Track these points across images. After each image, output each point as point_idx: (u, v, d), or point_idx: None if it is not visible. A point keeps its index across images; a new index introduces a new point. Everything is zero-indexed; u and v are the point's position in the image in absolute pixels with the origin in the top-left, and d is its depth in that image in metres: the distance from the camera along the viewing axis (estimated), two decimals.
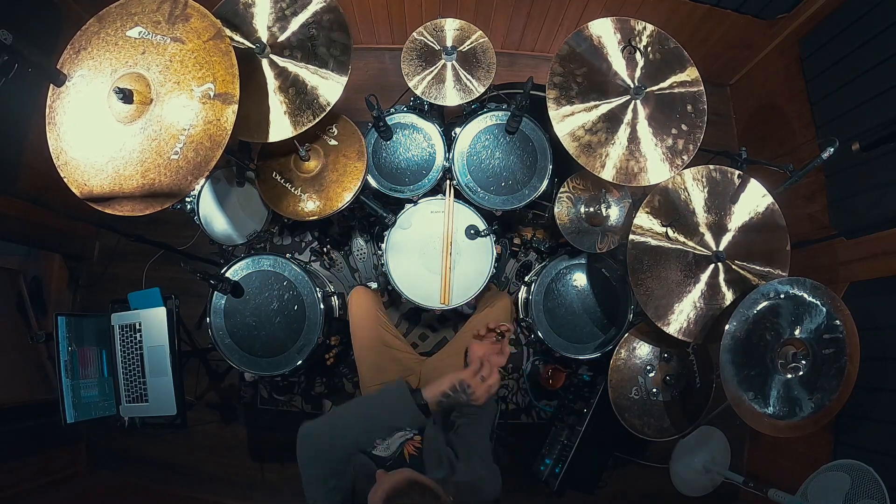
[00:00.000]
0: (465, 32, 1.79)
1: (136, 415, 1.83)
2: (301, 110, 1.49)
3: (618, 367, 1.74)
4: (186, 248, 2.32)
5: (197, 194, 1.87)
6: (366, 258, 2.33)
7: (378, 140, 1.86)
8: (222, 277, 1.67)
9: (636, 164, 1.53)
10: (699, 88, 1.58)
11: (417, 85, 1.74)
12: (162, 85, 1.23)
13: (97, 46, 1.27)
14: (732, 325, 1.39)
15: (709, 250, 1.52)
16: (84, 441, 2.42)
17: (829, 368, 1.43)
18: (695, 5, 2.16)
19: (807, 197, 2.13)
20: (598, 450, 2.03)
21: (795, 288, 1.42)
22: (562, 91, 1.53)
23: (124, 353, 1.83)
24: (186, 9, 1.26)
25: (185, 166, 1.20)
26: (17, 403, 2.11)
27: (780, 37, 2.30)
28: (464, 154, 1.83)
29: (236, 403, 2.39)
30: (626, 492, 2.35)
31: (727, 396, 1.39)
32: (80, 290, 2.54)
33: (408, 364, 1.68)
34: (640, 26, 1.58)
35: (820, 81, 2.07)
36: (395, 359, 1.68)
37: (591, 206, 1.82)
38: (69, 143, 1.27)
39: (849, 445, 1.81)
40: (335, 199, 1.71)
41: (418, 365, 1.66)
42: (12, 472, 2.05)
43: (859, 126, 1.87)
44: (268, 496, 2.37)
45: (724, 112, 2.73)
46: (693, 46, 1.63)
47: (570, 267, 1.93)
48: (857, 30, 1.89)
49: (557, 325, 1.89)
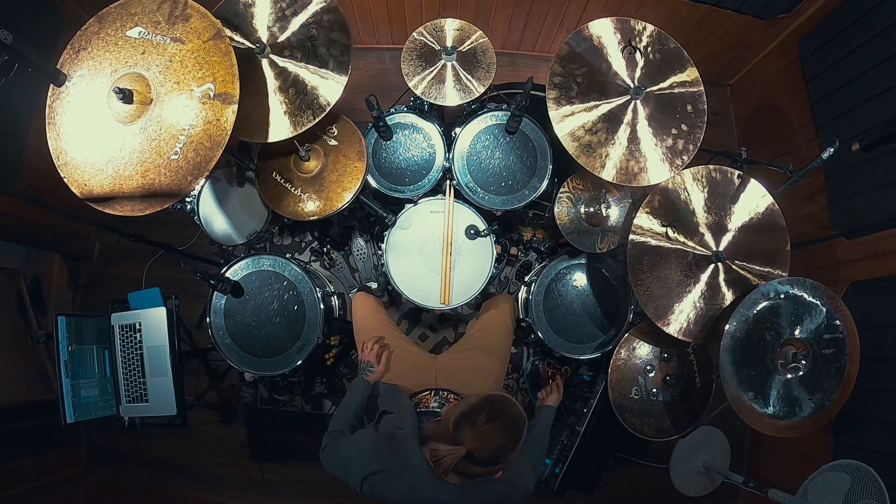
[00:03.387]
0: (465, 32, 1.79)
1: (136, 415, 1.82)
2: (301, 110, 1.49)
3: (618, 367, 1.74)
4: (186, 248, 2.32)
5: (197, 194, 1.87)
6: (366, 258, 2.33)
7: (378, 140, 1.86)
8: (222, 277, 1.67)
9: (636, 164, 1.53)
10: (699, 88, 1.58)
11: (417, 85, 1.74)
12: (162, 85, 1.23)
13: (97, 46, 1.27)
14: (732, 325, 1.39)
15: (709, 250, 1.52)
16: (84, 441, 2.42)
17: (829, 368, 1.43)
18: (695, 5, 2.16)
19: (807, 197, 2.13)
20: (598, 450, 2.03)
21: (795, 288, 1.42)
22: (562, 91, 1.53)
23: (124, 353, 1.83)
24: (186, 9, 1.26)
25: (185, 166, 1.20)
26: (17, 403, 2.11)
27: (780, 37, 2.30)
28: (464, 154, 1.83)
29: (236, 403, 2.39)
30: (626, 492, 2.35)
31: (727, 396, 1.39)
32: (80, 290, 2.54)
33: (419, 362, 1.67)
34: (640, 26, 1.57)
35: (820, 81, 2.07)
36: (405, 357, 1.67)
37: (591, 206, 1.82)
38: (69, 143, 1.27)
39: (849, 445, 1.81)
40: (335, 199, 1.71)
41: (431, 363, 1.65)
42: (12, 472, 2.05)
43: (859, 126, 1.87)
44: (268, 496, 2.37)
45: (724, 112, 2.73)
46: (693, 46, 1.63)
47: (570, 267, 1.93)
48: (857, 30, 1.89)
49: (557, 325, 1.89)
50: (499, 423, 1.04)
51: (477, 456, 1.03)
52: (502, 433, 1.04)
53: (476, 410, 1.05)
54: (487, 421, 1.03)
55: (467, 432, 1.04)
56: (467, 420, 1.05)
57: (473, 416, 1.05)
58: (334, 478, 1.18)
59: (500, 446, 1.04)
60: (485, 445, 1.03)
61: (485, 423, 1.03)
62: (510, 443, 1.06)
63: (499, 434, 1.04)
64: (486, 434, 1.03)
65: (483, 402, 1.07)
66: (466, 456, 1.03)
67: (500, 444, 1.04)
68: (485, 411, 1.05)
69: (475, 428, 1.03)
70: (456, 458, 1.02)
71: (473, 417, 1.05)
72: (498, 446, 1.04)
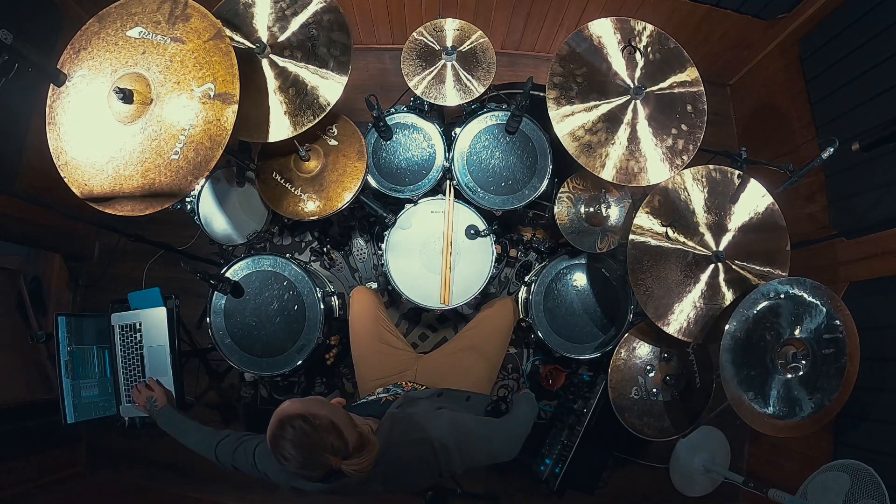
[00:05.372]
0: (465, 32, 1.79)
1: (136, 415, 1.82)
2: (301, 110, 1.49)
3: (618, 367, 1.74)
4: (186, 248, 2.32)
5: (197, 194, 1.87)
6: (366, 258, 2.33)
7: (378, 140, 1.86)
8: (222, 277, 1.67)
9: (636, 164, 1.53)
10: (699, 88, 1.58)
11: (417, 85, 1.74)
12: (162, 85, 1.23)
13: (97, 46, 1.27)
14: (732, 325, 1.39)
15: (709, 250, 1.52)
16: (84, 441, 2.42)
17: (829, 368, 1.43)
18: (695, 5, 2.16)
19: (807, 197, 2.13)
20: (598, 450, 2.02)
21: (795, 288, 1.42)
22: (562, 91, 1.53)
23: (124, 353, 1.83)
24: (186, 9, 1.26)
25: (185, 166, 1.20)
26: (17, 403, 2.11)
27: (780, 37, 2.30)
28: (464, 154, 1.83)
29: (236, 403, 2.39)
30: (626, 492, 2.35)
31: (727, 396, 1.39)
32: (80, 290, 2.54)
33: (404, 360, 1.68)
34: (640, 26, 1.58)
35: (820, 81, 2.07)
36: (392, 355, 1.68)
37: (591, 206, 1.82)
38: (69, 143, 1.27)
39: (849, 445, 1.81)
40: (335, 199, 1.71)
41: (414, 362, 1.66)
42: (12, 472, 2.05)
43: (859, 126, 1.87)
44: (268, 496, 2.37)
45: (724, 112, 2.73)
46: (693, 46, 1.63)
47: (570, 267, 1.93)
48: (857, 30, 1.89)
49: (557, 325, 1.89)
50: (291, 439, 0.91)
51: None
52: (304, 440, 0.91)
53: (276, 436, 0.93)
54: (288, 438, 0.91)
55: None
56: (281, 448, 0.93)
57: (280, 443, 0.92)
58: None
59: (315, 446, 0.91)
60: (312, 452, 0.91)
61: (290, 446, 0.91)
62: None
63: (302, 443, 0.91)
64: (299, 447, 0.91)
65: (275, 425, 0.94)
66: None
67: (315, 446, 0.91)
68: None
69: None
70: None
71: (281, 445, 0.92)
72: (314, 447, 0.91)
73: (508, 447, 1.22)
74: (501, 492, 2.36)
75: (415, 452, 1.09)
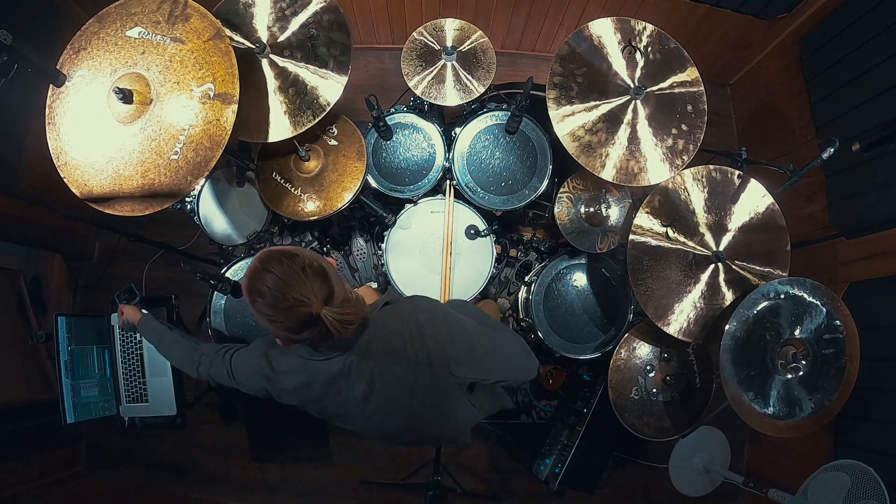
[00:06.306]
0: (465, 32, 1.79)
1: (136, 415, 1.83)
2: (301, 110, 1.49)
3: (618, 367, 1.74)
4: (186, 248, 2.32)
5: (197, 194, 1.87)
6: (366, 258, 2.33)
7: (378, 140, 1.86)
8: (222, 277, 1.66)
9: (636, 164, 1.53)
10: (699, 88, 1.58)
11: (417, 85, 1.74)
12: (162, 85, 1.23)
13: (97, 46, 1.27)
14: (732, 325, 1.39)
15: (709, 250, 1.52)
16: (84, 441, 2.42)
17: (829, 368, 1.43)
18: (695, 5, 2.16)
19: (807, 197, 2.13)
20: (598, 450, 2.03)
21: (795, 288, 1.42)
22: (562, 91, 1.53)
23: (124, 353, 1.83)
24: (186, 9, 1.26)
25: (184, 166, 1.20)
26: (17, 403, 2.11)
27: (780, 37, 2.30)
28: (464, 154, 1.83)
29: (236, 403, 2.39)
30: (626, 492, 2.35)
31: (727, 396, 1.39)
32: (80, 290, 2.54)
33: None
34: (640, 26, 1.57)
35: (820, 81, 2.07)
36: None
37: (591, 206, 1.82)
38: (69, 143, 1.27)
39: (849, 445, 1.81)
40: (335, 199, 1.71)
41: None
42: (12, 472, 2.04)
43: (859, 126, 1.87)
44: (268, 496, 2.37)
45: (724, 112, 2.73)
46: (693, 46, 1.63)
47: (570, 267, 1.93)
48: (857, 30, 1.89)
49: (557, 325, 1.89)
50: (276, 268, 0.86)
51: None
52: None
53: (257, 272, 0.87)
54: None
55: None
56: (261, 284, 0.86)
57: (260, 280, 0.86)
58: (334, 478, 1.17)
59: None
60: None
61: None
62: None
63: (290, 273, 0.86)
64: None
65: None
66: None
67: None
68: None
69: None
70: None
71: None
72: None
73: (514, 347, 1.14)
74: (501, 492, 2.37)
75: (399, 325, 1.02)
